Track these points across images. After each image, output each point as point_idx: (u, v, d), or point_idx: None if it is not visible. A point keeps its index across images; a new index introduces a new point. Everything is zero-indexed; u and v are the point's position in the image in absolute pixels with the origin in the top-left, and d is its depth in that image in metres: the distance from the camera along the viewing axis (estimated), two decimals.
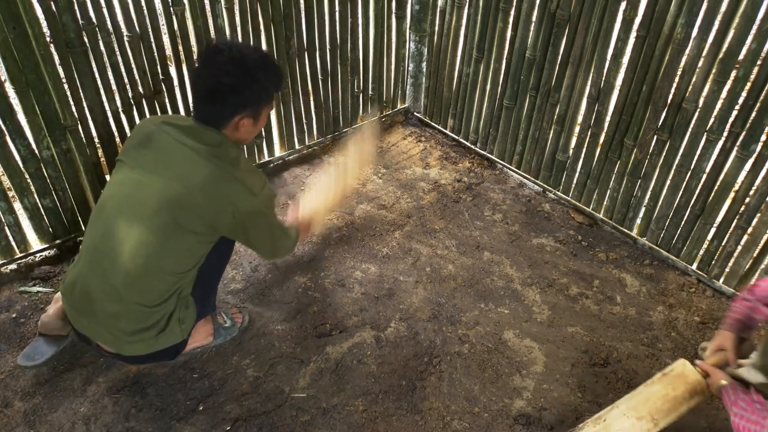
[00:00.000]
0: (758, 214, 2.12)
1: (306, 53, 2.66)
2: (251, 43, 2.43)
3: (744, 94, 2.00)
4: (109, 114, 2.16)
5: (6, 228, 2.13)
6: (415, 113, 3.35)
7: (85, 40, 1.99)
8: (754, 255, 2.19)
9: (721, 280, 2.32)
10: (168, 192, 1.58)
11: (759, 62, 1.91)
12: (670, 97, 2.19)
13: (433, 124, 3.27)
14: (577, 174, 2.66)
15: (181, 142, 1.62)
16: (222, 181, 1.61)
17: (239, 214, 1.64)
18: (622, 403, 1.71)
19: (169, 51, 2.24)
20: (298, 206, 2.21)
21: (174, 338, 1.71)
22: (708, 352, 1.79)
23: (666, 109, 2.22)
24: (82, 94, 2.06)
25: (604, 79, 2.35)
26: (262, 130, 2.71)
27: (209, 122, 1.66)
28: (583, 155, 2.59)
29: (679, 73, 2.13)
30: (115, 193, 1.66)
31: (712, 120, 2.11)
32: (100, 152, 2.23)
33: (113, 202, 1.64)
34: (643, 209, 2.49)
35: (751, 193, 2.10)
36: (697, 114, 2.15)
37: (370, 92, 3.08)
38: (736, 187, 2.15)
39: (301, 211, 2.17)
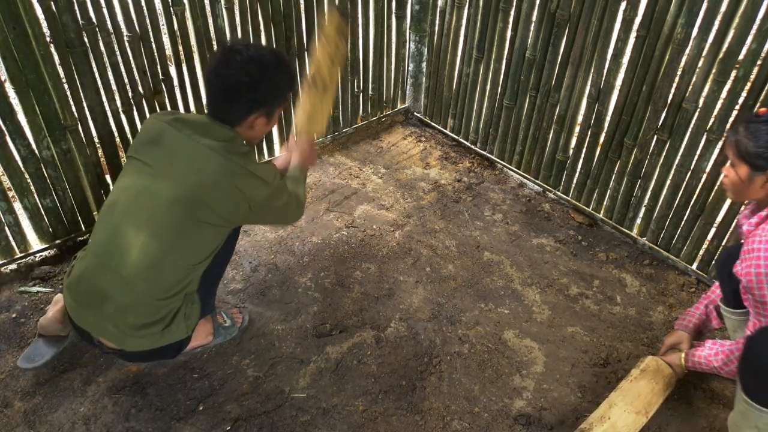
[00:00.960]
0: None
1: (306, 53, 2.66)
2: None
3: (744, 94, 2.00)
4: (109, 114, 2.16)
5: (6, 228, 2.13)
6: (415, 113, 3.35)
7: (85, 40, 1.99)
8: None
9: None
10: (182, 187, 1.60)
11: (759, 62, 1.91)
12: (670, 97, 2.19)
13: (433, 124, 3.27)
14: (577, 174, 2.66)
15: (194, 139, 1.63)
16: (236, 174, 1.63)
17: (255, 204, 1.68)
18: (618, 400, 1.81)
19: (169, 51, 2.24)
20: (293, 139, 2.09)
21: (179, 334, 1.71)
22: (663, 348, 1.99)
23: (666, 109, 2.22)
24: (82, 94, 2.06)
25: (604, 79, 2.35)
26: None
27: (224, 120, 1.68)
28: (583, 155, 2.59)
29: (679, 73, 2.13)
30: (128, 189, 1.65)
31: (712, 120, 2.11)
32: (100, 152, 2.24)
33: (125, 199, 1.64)
34: (643, 209, 2.49)
35: None
36: (697, 114, 2.15)
37: (370, 92, 3.08)
38: None
39: (298, 140, 2.05)
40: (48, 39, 1.90)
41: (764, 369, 1.52)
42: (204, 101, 1.82)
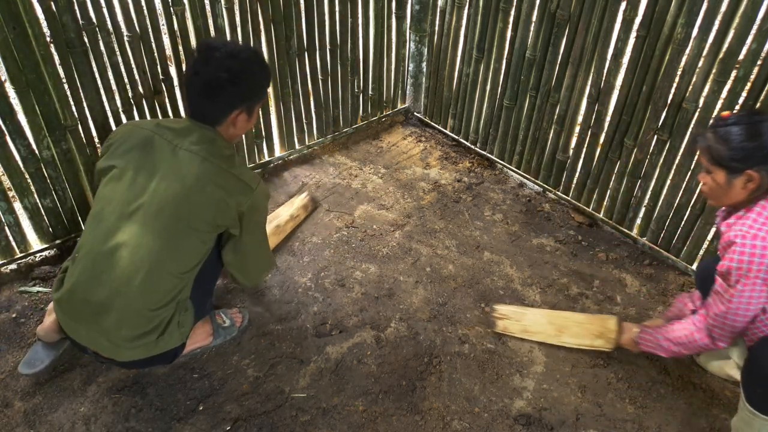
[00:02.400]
0: None
1: (306, 53, 2.66)
2: (251, 43, 2.44)
3: (744, 94, 2.00)
4: (109, 114, 2.16)
5: (6, 228, 2.13)
6: (415, 113, 3.35)
7: (85, 40, 1.98)
8: None
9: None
10: (169, 193, 1.59)
11: (759, 62, 1.91)
12: (670, 97, 2.19)
13: (433, 124, 3.27)
14: (577, 174, 2.66)
15: (177, 145, 1.63)
16: (220, 178, 1.64)
17: (239, 208, 1.68)
18: (546, 312, 2.17)
19: (169, 51, 2.24)
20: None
21: (173, 342, 1.71)
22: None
23: (666, 109, 2.22)
24: (82, 94, 2.06)
25: (604, 79, 2.35)
26: (262, 130, 2.71)
27: (206, 119, 1.69)
28: (583, 155, 2.59)
29: (679, 73, 2.13)
30: (113, 198, 1.64)
31: (712, 120, 2.11)
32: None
33: (112, 207, 1.63)
34: (643, 209, 2.49)
35: None
36: (697, 114, 2.15)
37: (370, 92, 3.08)
38: None
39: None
40: (48, 39, 1.90)
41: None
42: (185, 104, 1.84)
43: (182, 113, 2.39)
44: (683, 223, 2.36)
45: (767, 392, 1.54)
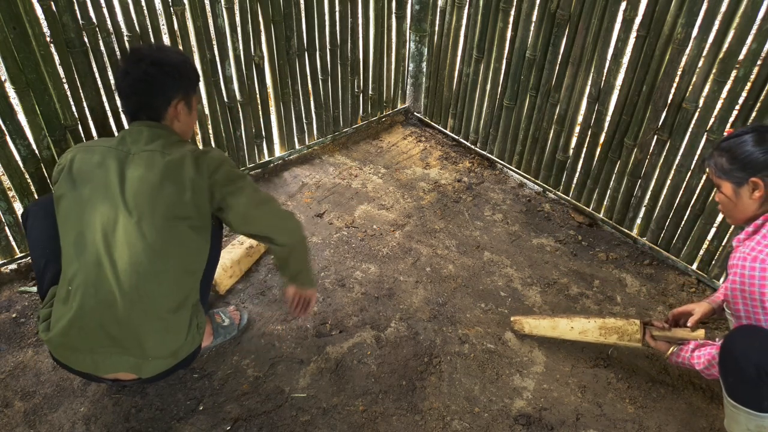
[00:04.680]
0: None
1: (306, 53, 2.66)
2: (251, 43, 2.44)
3: (744, 94, 2.00)
4: (109, 114, 2.16)
5: (6, 228, 2.13)
6: (415, 113, 3.35)
7: (85, 40, 1.99)
8: None
9: (721, 280, 2.32)
10: (144, 197, 1.57)
11: (759, 62, 1.91)
12: (671, 97, 2.19)
13: (433, 124, 3.27)
14: (577, 174, 2.66)
15: (132, 152, 1.62)
16: (184, 158, 1.62)
17: (209, 177, 1.63)
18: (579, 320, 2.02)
19: None
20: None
21: (194, 344, 1.70)
22: (677, 310, 1.94)
23: (666, 109, 2.22)
24: (82, 94, 2.06)
25: (604, 79, 2.35)
26: (263, 129, 2.71)
27: (149, 117, 1.69)
28: (583, 155, 2.59)
29: (679, 73, 2.13)
30: (89, 221, 1.58)
31: (712, 120, 2.11)
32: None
33: (92, 229, 1.57)
34: (643, 209, 2.49)
35: None
36: (697, 114, 2.15)
37: (370, 92, 3.08)
38: None
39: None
40: (48, 39, 1.90)
41: (740, 368, 1.52)
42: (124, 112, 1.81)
43: None
44: (683, 223, 2.36)
45: (738, 381, 1.55)
